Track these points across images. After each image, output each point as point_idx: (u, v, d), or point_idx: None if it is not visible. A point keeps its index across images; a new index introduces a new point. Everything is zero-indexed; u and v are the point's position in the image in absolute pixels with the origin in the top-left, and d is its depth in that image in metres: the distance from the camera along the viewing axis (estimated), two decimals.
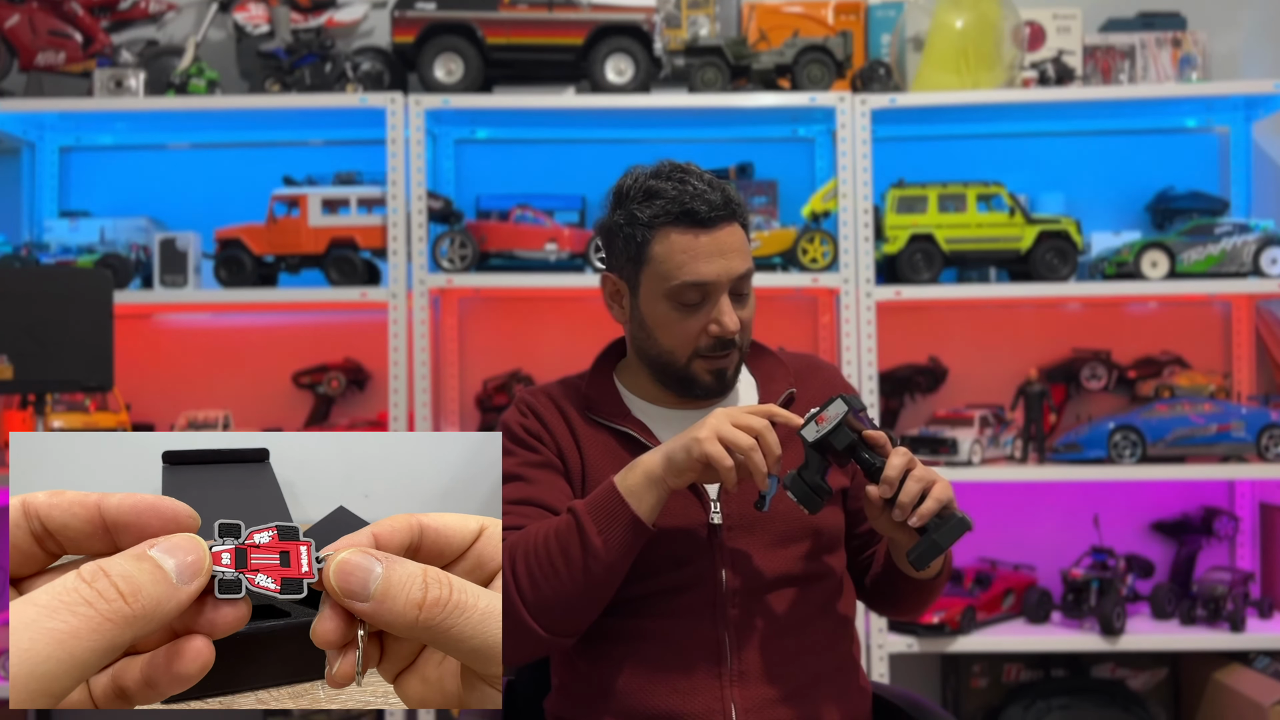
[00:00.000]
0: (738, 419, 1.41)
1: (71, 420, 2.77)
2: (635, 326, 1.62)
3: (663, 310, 1.56)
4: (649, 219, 1.53)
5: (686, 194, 1.52)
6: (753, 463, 1.39)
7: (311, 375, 3.11)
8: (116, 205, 3.17)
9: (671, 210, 1.52)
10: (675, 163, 1.58)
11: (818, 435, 1.42)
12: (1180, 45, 3.10)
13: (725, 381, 1.60)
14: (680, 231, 1.52)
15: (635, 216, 1.55)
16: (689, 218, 1.52)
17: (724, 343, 1.56)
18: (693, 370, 1.58)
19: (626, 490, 1.43)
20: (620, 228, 1.57)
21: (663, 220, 1.53)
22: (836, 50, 2.91)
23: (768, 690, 1.50)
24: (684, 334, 1.56)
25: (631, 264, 1.57)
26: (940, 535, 1.40)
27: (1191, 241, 2.84)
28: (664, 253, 1.53)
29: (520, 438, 1.62)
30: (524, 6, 2.91)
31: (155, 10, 3.14)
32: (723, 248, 1.53)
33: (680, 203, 1.52)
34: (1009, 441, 2.93)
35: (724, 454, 1.39)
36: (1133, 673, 3.01)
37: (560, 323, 3.19)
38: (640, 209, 1.54)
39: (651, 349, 1.60)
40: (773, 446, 1.41)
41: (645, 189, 1.55)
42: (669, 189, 1.53)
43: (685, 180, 1.54)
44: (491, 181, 3.20)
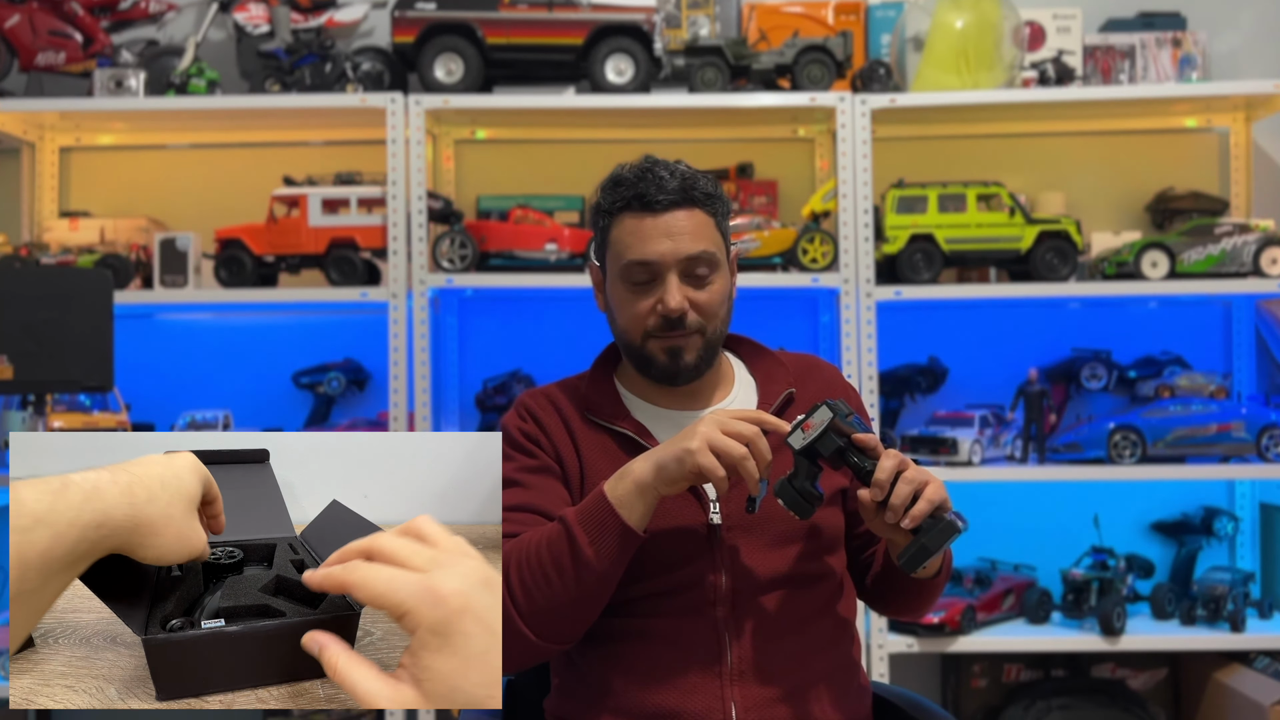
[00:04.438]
0: (728, 426, 1.41)
1: (71, 420, 2.77)
2: (608, 312, 1.66)
3: (619, 291, 1.60)
4: (609, 205, 1.60)
5: (644, 181, 1.57)
6: (744, 471, 1.40)
7: (311, 375, 3.11)
8: (116, 205, 3.17)
9: (626, 195, 1.58)
10: (656, 158, 1.62)
11: (804, 442, 1.43)
12: (1180, 45, 3.10)
13: (681, 363, 1.59)
14: (632, 215, 1.57)
15: (599, 204, 1.62)
16: (639, 201, 1.57)
17: (670, 322, 1.56)
18: (648, 350, 1.60)
19: (617, 500, 1.44)
20: (595, 217, 1.64)
21: (620, 205, 1.58)
22: (836, 50, 2.91)
23: (768, 689, 1.50)
24: (635, 314, 1.59)
25: (601, 248, 1.64)
26: (929, 539, 1.39)
27: (1191, 241, 2.84)
28: (618, 235, 1.59)
29: (518, 442, 1.62)
30: (524, 6, 2.91)
31: (155, 10, 3.14)
32: (670, 230, 1.56)
33: (635, 188, 1.57)
34: (1009, 441, 2.93)
35: (716, 465, 1.39)
36: (1133, 673, 3.01)
37: (560, 323, 3.19)
38: (604, 197, 1.61)
39: (616, 331, 1.65)
40: (764, 453, 1.41)
41: (613, 178, 1.61)
42: (629, 177, 1.59)
43: (650, 170, 1.58)
44: (491, 181, 3.20)
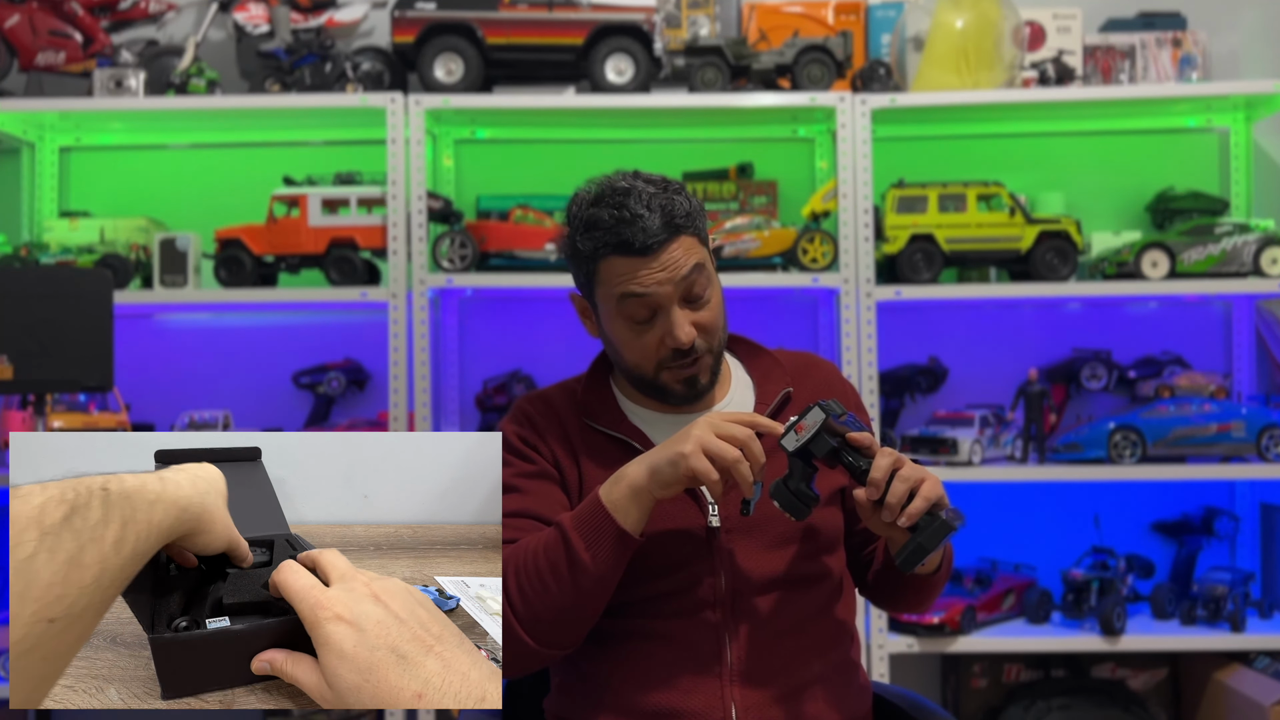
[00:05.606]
0: (721, 429, 1.41)
1: (71, 420, 2.77)
2: (605, 343, 1.64)
3: (620, 328, 1.57)
4: (591, 251, 1.54)
5: (623, 222, 1.50)
6: (738, 474, 1.39)
7: (311, 375, 3.11)
8: (116, 205, 3.17)
9: (610, 241, 1.51)
10: (618, 181, 1.55)
11: (797, 444, 1.42)
12: (1180, 45, 3.10)
13: (698, 387, 1.59)
14: (621, 257, 1.52)
15: (577, 247, 1.55)
16: (625, 249, 1.51)
17: (681, 353, 1.55)
18: (662, 381, 1.58)
19: (612, 504, 1.44)
20: (573, 256, 1.58)
21: (604, 251, 1.52)
22: (836, 50, 2.91)
23: (767, 690, 1.50)
24: (642, 349, 1.56)
25: (586, 285, 1.59)
26: (925, 537, 1.39)
27: (1191, 241, 2.84)
28: (608, 276, 1.54)
29: (516, 448, 1.62)
30: (524, 6, 2.91)
31: (155, 10, 3.14)
32: (664, 265, 1.51)
33: (617, 234, 1.50)
34: (1009, 441, 2.93)
35: (709, 468, 1.39)
36: (1133, 673, 3.01)
37: (560, 323, 3.19)
38: (582, 240, 1.54)
39: (621, 365, 1.62)
40: (757, 456, 1.41)
41: (586, 219, 1.54)
42: (606, 218, 1.51)
43: (623, 206, 1.51)
44: (491, 181, 3.20)
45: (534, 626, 1.44)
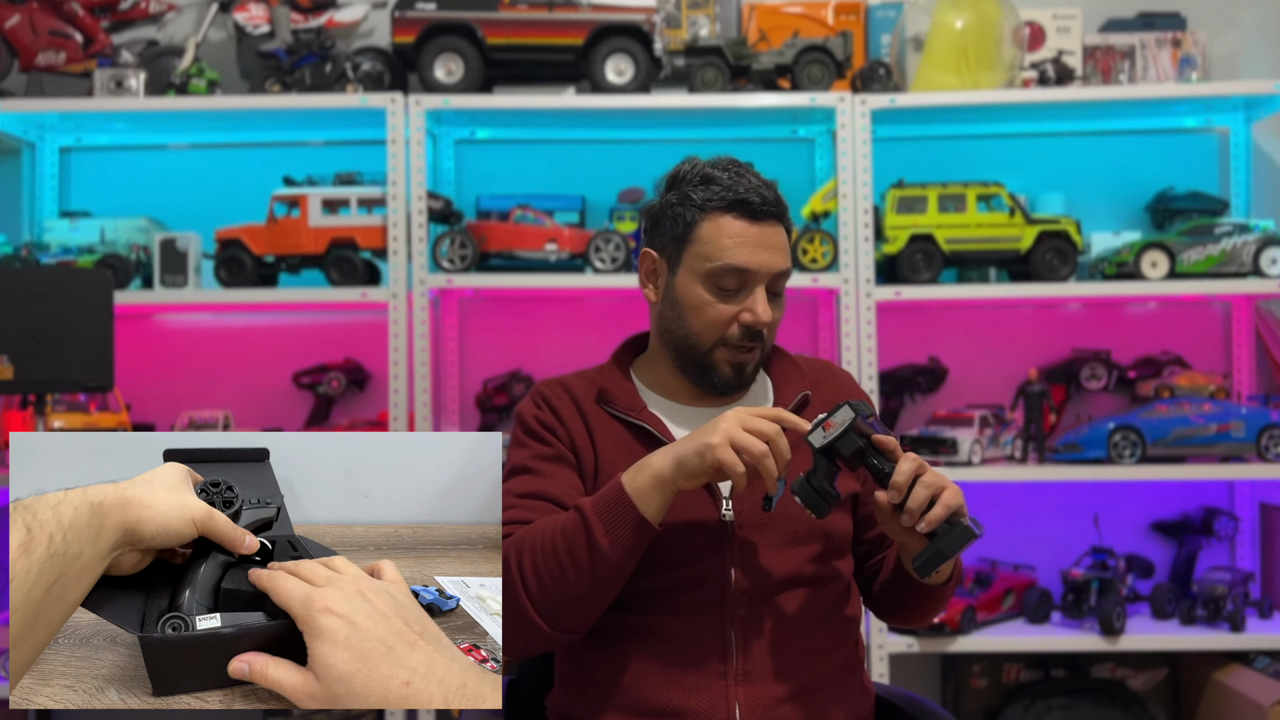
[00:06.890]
0: (749, 423, 1.41)
1: (71, 420, 2.77)
2: (666, 306, 1.62)
3: (698, 292, 1.58)
4: (702, 201, 1.58)
5: (742, 185, 1.57)
6: (764, 469, 1.39)
7: (311, 375, 3.11)
8: (116, 205, 3.17)
9: (726, 197, 1.56)
10: (733, 159, 1.63)
11: (825, 441, 1.42)
12: (1180, 45, 3.10)
13: (744, 376, 1.61)
14: (732, 217, 1.56)
15: (689, 197, 1.59)
16: (741, 206, 1.56)
17: (752, 334, 1.57)
18: (714, 358, 1.59)
19: (634, 491, 1.44)
20: (671, 206, 1.61)
21: (716, 204, 1.57)
22: (836, 50, 2.91)
23: (772, 689, 1.50)
24: (715, 319, 1.57)
25: (675, 242, 1.60)
26: (945, 543, 1.39)
27: (1191, 241, 2.84)
28: (711, 234, 1.57)
29: (533, 430, 1.62)
30: (524, 6, 2.92)
31: (155, 10, 3.14)
32: (768, 242, 1.57)
33: (735, 191, 1.56)
34: (1009, 441, 2.93)
35: (736, 460, 1.39)
36: (1133, 673, 3.01)
37: (560, 323, 3.19)
38: (695, 191, 1.59)
39: (678, 331, 1.61)
40: (783, 451, 1.41)
41: (702, 174, 1.60)
42: (725, 178, 1.58)
43: (741, 174, 1.59)
44: (491, 181, 3.21)
45: (547, 610, 1.44)
